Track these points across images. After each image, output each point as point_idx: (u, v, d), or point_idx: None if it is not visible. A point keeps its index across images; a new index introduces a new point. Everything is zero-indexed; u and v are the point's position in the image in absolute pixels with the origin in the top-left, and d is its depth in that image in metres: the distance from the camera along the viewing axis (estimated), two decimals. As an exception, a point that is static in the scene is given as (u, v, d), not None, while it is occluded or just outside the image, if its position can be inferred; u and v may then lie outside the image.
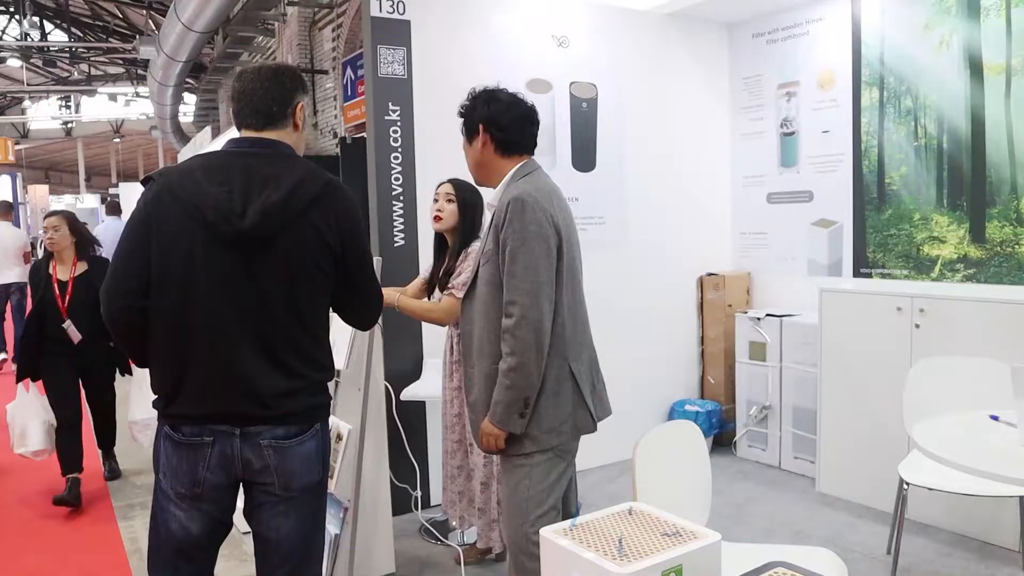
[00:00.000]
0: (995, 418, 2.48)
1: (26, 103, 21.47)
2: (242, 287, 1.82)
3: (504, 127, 2.30)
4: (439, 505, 3.52)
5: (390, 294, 2.95)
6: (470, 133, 2.35)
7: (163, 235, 1.81)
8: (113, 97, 20.15)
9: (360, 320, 2.16)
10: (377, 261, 2.89)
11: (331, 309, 2.04)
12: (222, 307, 1.82)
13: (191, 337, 1.83)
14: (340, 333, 2.89)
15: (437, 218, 3.21)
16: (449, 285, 3.09)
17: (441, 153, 3.81)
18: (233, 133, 2.07)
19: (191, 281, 1.80)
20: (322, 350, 1.97)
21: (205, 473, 1.86)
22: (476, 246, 3.15)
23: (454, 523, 3.38)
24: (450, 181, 3.24)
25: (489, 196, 2.43)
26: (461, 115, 2.37)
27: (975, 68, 3.74)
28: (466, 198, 3.20)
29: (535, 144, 2.38)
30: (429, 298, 3.25)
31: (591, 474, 4.32)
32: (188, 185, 1.82)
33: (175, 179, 1.85)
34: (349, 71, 7.73)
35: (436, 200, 3.23)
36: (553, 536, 1.41)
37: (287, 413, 1.87)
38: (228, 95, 1.90)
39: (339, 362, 2.83)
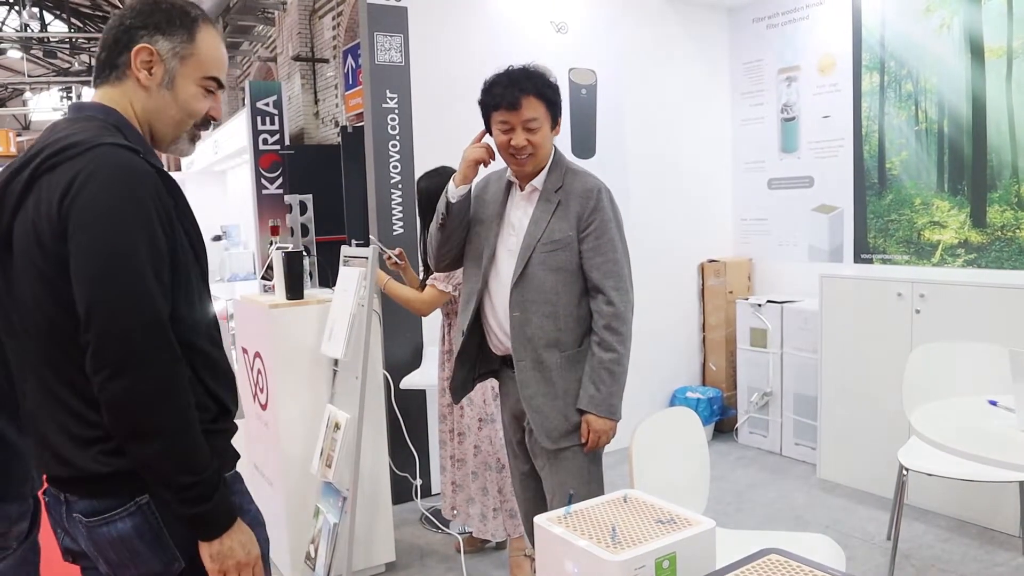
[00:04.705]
0: (994, 403, 2.47)
1: (27, 95, 21.42)
2: (3, 303, 1.37)
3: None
4: (439, 494, 3.53)
5: (380, 276, 3.06)
6: (556, 119, 2.33)
7: None
8: (114, 87, 20.07)
9: (102, 385, 1.24)
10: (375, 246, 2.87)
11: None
12: (3, 328, 1.39)
13: (5, 362, 1.42)
14: (339, 316, 2.88)
15: None
16: (432, 277, 3.08)
17: (439, 140, 3.80)
18: None
19: None
20: None
21: (63, 542, 1.43)
22: None
23: (448, 515, 3.37)
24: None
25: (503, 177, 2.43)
26: (551, 101, 2.31)
27: (976, 51, 3.71)
28: (419, 188, 3.22)
29: None
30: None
31: (592, 461, 4.31)
32: None
33: None
34: (350, 59, 7.68)
35: None
36: (547, 524, 1.41)
37: (90, 476, 1.30)
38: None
39: (337, 350, 2.83)
